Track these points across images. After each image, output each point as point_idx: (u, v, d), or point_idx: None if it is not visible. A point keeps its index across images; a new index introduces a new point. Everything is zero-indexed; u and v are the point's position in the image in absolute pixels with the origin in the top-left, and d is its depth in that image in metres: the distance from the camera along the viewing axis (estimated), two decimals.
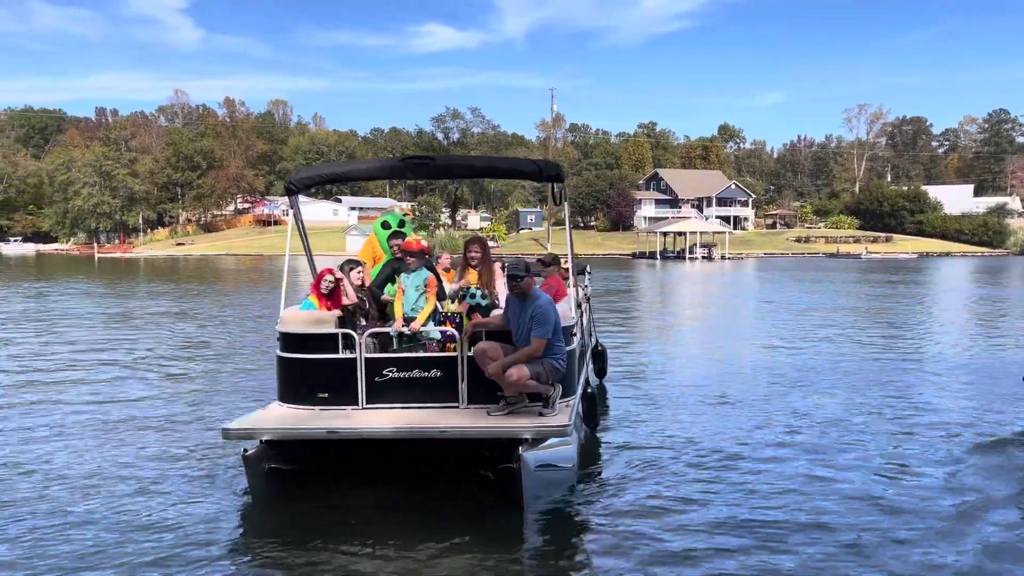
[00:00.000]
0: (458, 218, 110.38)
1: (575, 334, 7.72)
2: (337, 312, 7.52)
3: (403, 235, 8.40)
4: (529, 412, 6.89)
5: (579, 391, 7.85)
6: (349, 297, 7.68)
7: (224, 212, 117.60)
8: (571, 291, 8.44)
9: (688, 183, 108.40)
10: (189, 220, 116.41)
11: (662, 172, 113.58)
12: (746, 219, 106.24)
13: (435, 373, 7.17)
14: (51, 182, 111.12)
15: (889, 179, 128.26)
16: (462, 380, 7.15)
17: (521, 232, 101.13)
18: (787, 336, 17.34)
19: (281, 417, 7.05)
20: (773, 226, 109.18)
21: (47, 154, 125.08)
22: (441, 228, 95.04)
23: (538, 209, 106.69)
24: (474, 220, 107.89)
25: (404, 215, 9.13)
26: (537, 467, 6.38)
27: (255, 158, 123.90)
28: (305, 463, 7.10)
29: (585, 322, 10.31)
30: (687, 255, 74.57)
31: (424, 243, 7.84)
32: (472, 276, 7.88)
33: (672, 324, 21.29)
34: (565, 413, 6.89)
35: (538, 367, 6.79)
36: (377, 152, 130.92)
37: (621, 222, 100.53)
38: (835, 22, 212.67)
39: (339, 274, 7.76)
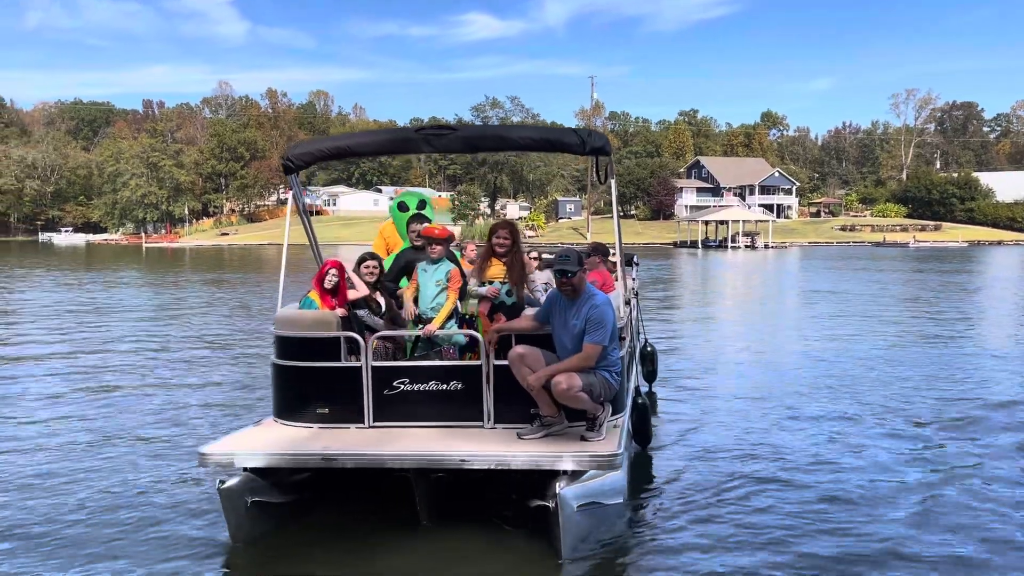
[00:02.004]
0: (497, 207, 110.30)
1: (624, 337, 6.60)
2: (341, 311, 6.47)
3: (425, 219, 7.11)
4: (569, 435, 5.72)
5: (629, 405, 6.77)
6: (357, 289, 6.74)
7: (267, 202, 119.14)
8: (619, 285, 7.19)
9: (730, 171, 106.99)
10: (233, 210, 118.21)
11: (704, 160, 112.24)
12: (789, 207, 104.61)
13: (455, 385, 6.03)
14: (100, 173, 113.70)
15: (938, 166, 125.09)
16: (488, 394, 6.01)
17: (560, 221, 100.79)
18: (838, 329, 16.71)
19: (270, 438, 5.93)
20: (817, 215, 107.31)
21: (96, 146, 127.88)
22: (480, 218, 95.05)
23: (577, 198, 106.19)
24: (513, 209, 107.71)
25: (425, 195, 7.77)
26: (580, 506, 5.21)
27: None
28: (299, 494, 5.94)
29: (634, 320, 9.22)
30: (729, 244, 73.67)
31: (449, 229, 6.69)
32: (496, 268, 6.43)
33: (718, 316, 20.49)
34: (614, 437, 5.68)
35: (591, 378, 5.64)
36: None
37: (662, 211, 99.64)
38: (884, 4, 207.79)
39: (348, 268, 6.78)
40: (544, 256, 11.08)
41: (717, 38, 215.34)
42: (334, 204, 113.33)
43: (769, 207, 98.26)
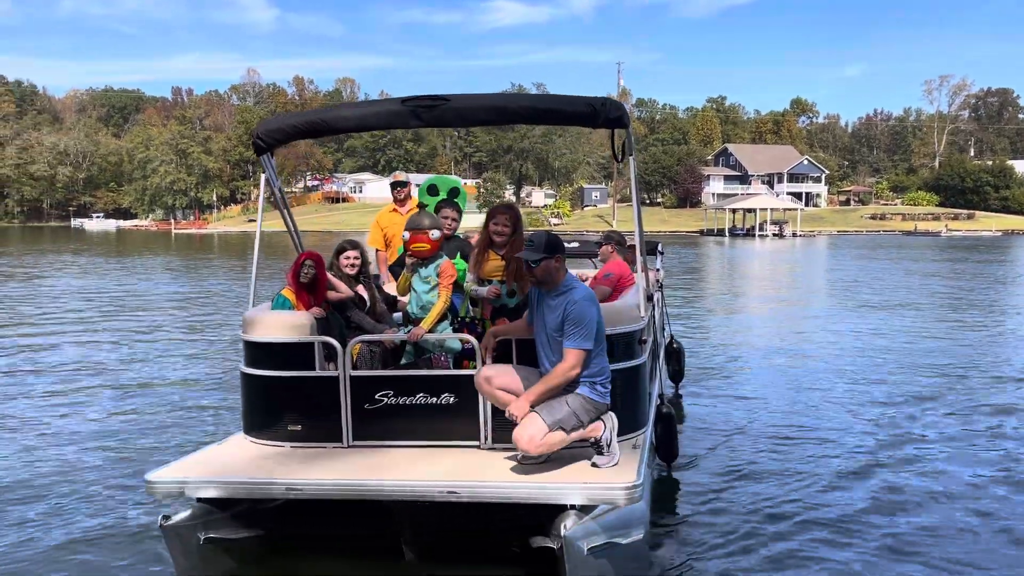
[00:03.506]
0: (522, 195, 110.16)
1: (645, 340, 5.64)
2: (317, 311, 5.65)
3: (456, 207, 6.33)
4: (579, 457, 4.87)
5: (652, 416, 5.91)
6: (338, 291, 5.92)
7: (294, 189, 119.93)
8: (639, 278, 5.99)
9: (758, 159, 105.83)
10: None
11: (731, 147, 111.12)
12: (818, 196, 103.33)
13: (447, 399, 5.18)
14: (130, 160, 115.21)
15: (972, 153, 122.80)
16: (484, 409, 5.13)
17: (586, 209, 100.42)
18: (877, 321, 15.99)
19: (230, 461, 5.13)
20: (847, 203, 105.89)
21: (126, 133, 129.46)
22: None
23: (603, 186, 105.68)
24: (538, 197, 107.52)
25: (459, 182, 6.86)
26: (591, 548, 4.34)
27: None
28: (263, 528, 5.12)
29: (658, 316, 8.25)
30: (757, 232, 72.93)
31: (437, 235, 5.51)
32: (495, 262, 5.59)
33: (747, 308, 19.58)
34: (632, 462, 4.75)
35: (563, 407, 4.67)
36: (442, 130, 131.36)
37: (688, 199, 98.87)
38: None
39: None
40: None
41: (747, 24, 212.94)
42: (360, 191, 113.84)
43: (798, 195, 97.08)
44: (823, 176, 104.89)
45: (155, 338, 13.84)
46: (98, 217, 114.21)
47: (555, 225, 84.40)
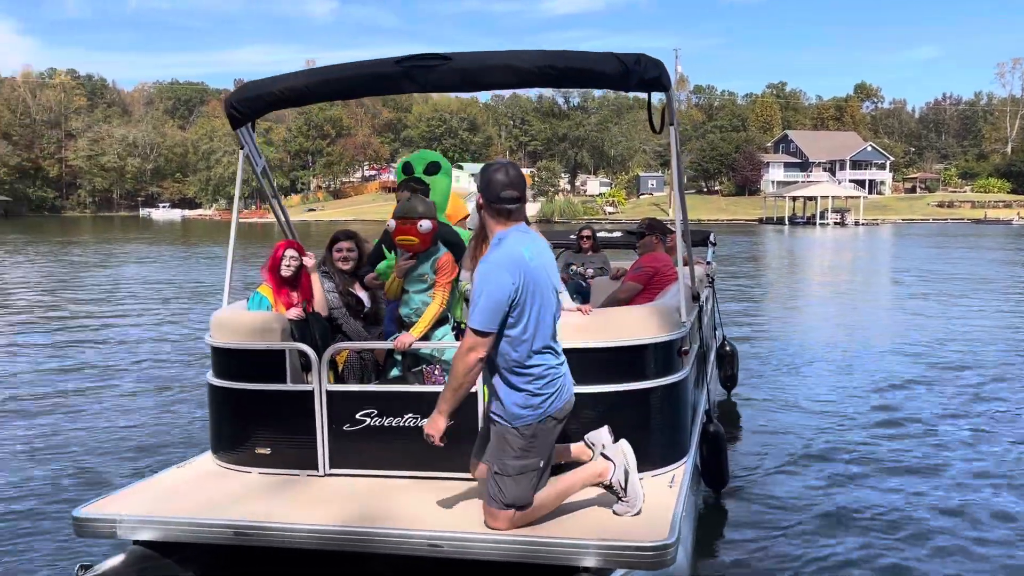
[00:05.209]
0: (577, 183, 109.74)
1: (686, 349, 4.69)
2: (297, 311, 4.84)
3: (420, 189, 5.03)
4: (602, 500, 3.93)
5: (695, 439, 4.91)
6: (316, 300, 5.02)
7: (352, 179, 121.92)
8: (682, 274, 4.95)
9: (820, 145, 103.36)
10: (319, 187, 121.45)
11: (792, 134, 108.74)
12: (883, 183, 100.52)
13: None
14: (195, 151, 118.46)
15: None
16: (483, 435, 3.94)
17: (642, 197, 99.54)
18: (951, 315, 14.95)
19: (180, 492, 4.32)
20: (913, 190, 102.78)
21: (191, 125, 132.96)
22: (560, 194, 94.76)
23: (660, 174, 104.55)
24: (593, 186, 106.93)
25: (441, 159, 5.55)
26: None
27: (381, 126, 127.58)
28: (215, 573, 4.28)
29: (707, 316, 7.31)
30: (817, 221, 71.38)
31: (427, 227, 4.48)
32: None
33: (809, 303, 18.23)
34: (664, 509, 3.76)
35: (493, 447, 3.65)
36: (497, 120, 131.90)
37: (747, 186, 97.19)
38: None
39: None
40: (601, 234, 9.55)
41: (810, 6, 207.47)
42: None
43: (861, 183, 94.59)
44: (888, 163, 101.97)
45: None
46: (164, 207, 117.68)
47: (610, 214, 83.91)
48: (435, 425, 3.56)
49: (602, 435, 3.93)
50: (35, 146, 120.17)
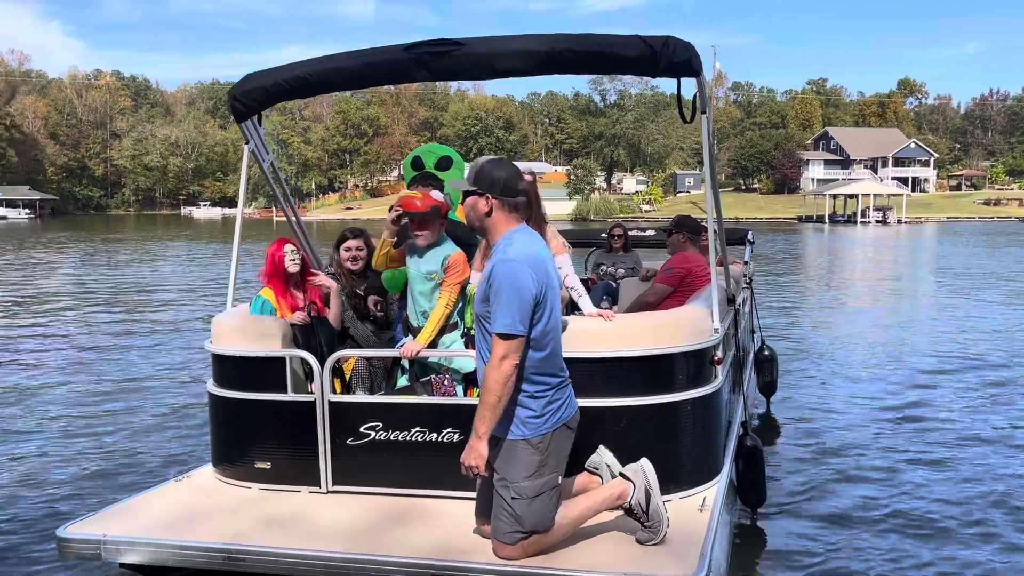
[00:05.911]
0: (613, 181, 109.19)
1: (718, 358, 4.33)
2: (301, 316, 4.58)
3: (434, 184, 4.87)
4: (622, 523, 3.64)
5: (731, 453, 4.71)
6: (332, 316, 4.75)
7: (388, 178, 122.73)
8: (716, 275, 4.62)
9: (861, 142, 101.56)
10: (357, 185, 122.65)
11: (832, 131, 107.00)
12: (926, 180, 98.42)
13: (450, 436, 4.06)
14: (235, 151, 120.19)
15: None
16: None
17: (679, 195, 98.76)
18: (1003, 319, 14.33)
19: (173, 510, 4.08)
20: (958, 188, 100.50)
21: (231, 124, 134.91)
22: (596, 192, 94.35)
23: (697, 172, 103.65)
24: (629, 184, 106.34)
25: (453, 153, 5.33)
26: None
27: (417, 125, 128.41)
28: None
29: (745, 320, 6.95)
30: (859, 219, 70.14)
31: (439, 196, 4.37)
32: None
33: (852, 303, 17.52)
34: (694, 539, 3.47)
35: (507, 475, 3.32)
36: (533, 118, 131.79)
37: (786, 184, 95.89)
38: None
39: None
40: (634, 233, 9.31)
41: (852, 1, 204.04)
42: None
43: (904, 180, 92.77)
44: (932, 160, 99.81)
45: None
46: (205, 205, 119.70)
47: (646, 212, 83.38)
48: (476, 453, 3.21)
49: (603, 455, 3.66)
50: (81, 146, 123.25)
